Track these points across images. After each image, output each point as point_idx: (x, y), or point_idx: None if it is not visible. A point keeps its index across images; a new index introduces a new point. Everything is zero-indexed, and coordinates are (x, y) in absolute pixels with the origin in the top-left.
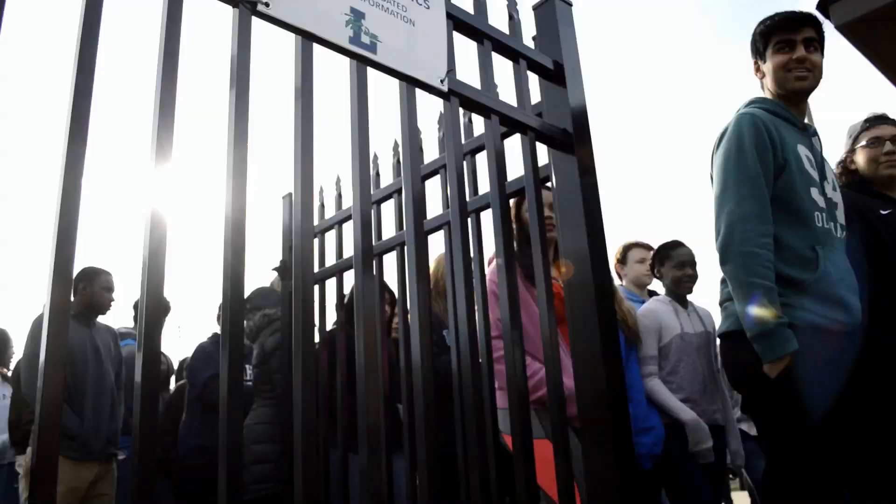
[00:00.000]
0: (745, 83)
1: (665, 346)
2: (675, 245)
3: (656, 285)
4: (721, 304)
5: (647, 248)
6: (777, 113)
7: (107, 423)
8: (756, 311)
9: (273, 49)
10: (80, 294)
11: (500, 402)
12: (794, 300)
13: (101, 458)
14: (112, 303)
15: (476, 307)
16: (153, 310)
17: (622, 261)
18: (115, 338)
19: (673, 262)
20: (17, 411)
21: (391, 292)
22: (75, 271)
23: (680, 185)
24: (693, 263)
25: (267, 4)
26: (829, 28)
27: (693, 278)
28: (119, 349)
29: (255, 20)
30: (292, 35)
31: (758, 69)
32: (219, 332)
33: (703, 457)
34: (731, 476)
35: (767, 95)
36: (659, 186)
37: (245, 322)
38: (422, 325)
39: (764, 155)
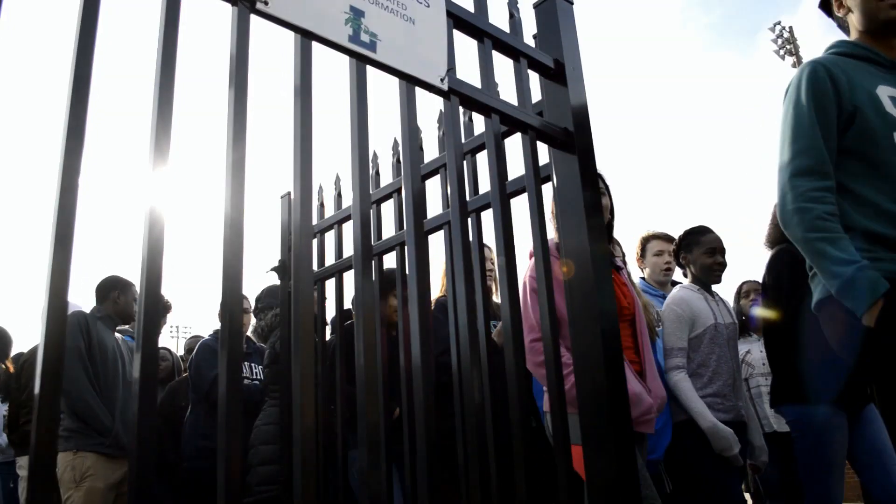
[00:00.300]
0: (745, 81)
1: (697, 336)
2: (703, 231)
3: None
4: (808, 269)
5: (666, 239)
6: (856, 54)
7: None
8: (828, 264)
9: (272, 48)
10: (112, 301)
11: (546, 405)
12: (883, 254)
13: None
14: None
15: (477, 308)
16: (151, 310)
17: (642, 255)
18: (128, 345)
19: (702, 248)
20: (15, 412)
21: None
22: (78, 274)
23: (682, 184)
24: (723, 250)
25: (266, 3)
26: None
27: (723, 266)
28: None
29: (253, 18)
30: (291, 34)
31: (840, 6)
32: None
33: (733, 462)
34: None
35: (853, 35)
36: (661, 185)
37: (257, 321)
38: (422, 325)
39: (823, 105)
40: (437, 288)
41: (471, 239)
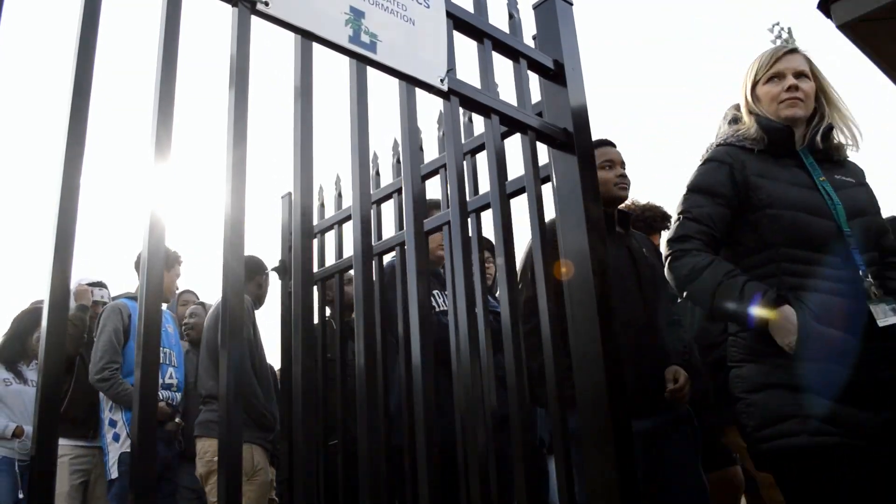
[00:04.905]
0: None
1: None
2: None
3: None
4: None
5: None
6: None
7: None
8: None
9: (273, 48)
10: (257, 284)
11: None
12: None
13: None
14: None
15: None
16: (153, 309)
17: None
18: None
19: None
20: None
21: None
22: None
23: (680, 186)
24: None
25: (266, 3)
26: (829, 27)
27: None
28: None
29: (254, 19)
30: (292, 34)
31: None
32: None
33: None
34: None
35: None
36: (661, 186)
37: None
38: (422, 325)
39: None
40: None
41: (471, 238)
